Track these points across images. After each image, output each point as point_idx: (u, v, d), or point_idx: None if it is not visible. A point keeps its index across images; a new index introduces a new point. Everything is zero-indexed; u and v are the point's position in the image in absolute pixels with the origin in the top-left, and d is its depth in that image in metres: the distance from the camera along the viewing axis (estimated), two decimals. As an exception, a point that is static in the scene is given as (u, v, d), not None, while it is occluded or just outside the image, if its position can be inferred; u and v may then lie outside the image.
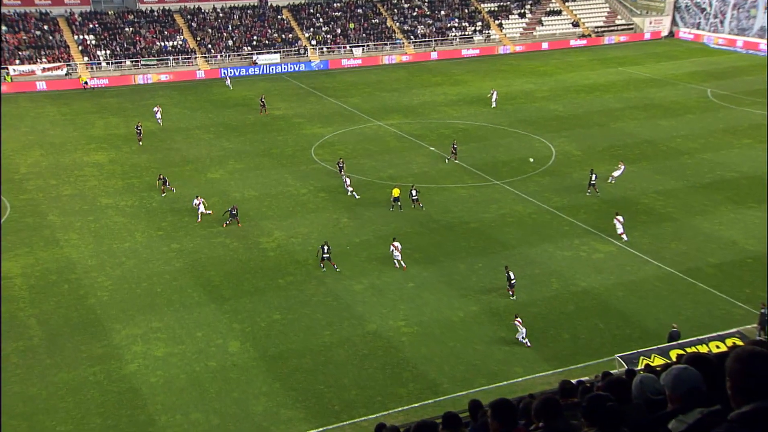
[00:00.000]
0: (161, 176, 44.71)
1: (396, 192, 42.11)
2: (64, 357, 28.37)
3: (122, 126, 57.47)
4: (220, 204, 42.91)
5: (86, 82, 70.23)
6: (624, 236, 37.93)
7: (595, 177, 44.48)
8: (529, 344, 28.87)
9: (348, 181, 44.24)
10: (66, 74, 71.44)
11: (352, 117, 61.46)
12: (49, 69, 71.17)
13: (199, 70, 75.87)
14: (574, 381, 10.30)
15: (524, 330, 28.76)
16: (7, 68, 69.94)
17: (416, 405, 25.67)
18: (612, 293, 33.18)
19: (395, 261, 35.45)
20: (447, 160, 49.68)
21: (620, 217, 38.27)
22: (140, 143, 53.57)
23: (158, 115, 58.41)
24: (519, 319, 29.12)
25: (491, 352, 28.76)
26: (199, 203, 40.73)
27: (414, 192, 42.22)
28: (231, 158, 51.30)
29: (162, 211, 41.93)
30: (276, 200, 43.88)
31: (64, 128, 58.25)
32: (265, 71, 77.78)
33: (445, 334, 29.88)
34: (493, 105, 63.41)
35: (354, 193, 43.92)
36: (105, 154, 51.95)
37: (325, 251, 34.97)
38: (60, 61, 72.17)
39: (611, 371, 17.22)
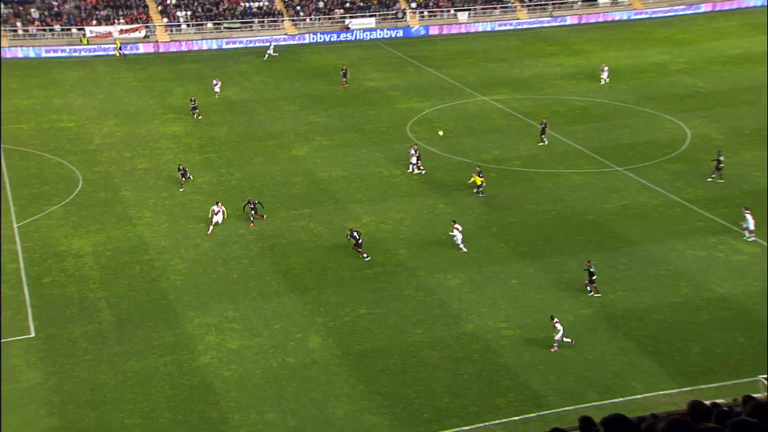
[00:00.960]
0: (181, 167, 44.04)
1: (478, 180, 41.68)
2: (134, 344, 29.67)
3: (201, 95, 59.12)
4: (304, 184, 43.63)
5: (120, 48, 71.40)
6: (747, 233, 36.63)
7: (723, 159, 42.74)
8: (572, 341, 28.93)
9: (415, 161, 44.76)
10: (144, 37, 74.20)
11: (453, 90, 61.16)
12: (126, 31, 74.12)
13: (286, 34, 77.19)
14: (707, 402, 9.90)
15: (561, 329, 28.65)
16: (83, 29, 73.28)
17: (516, 418, 25.53)
18: (756, 302, 31.94)
19: (458, 244, 35.88)
20: (545, 142, 48.67)
21: (749, 215, 36.72)
22: (198, 117, 54.14)
23: (216, 89, 59.33)
24: (557, 319, 29.01)
25: (605, 363, 28.25)
26: (219, 211, 38.36)
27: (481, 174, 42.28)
28: (318, 134, 52.07)
29: (241, 189, 43.02)
30: (366, 182, 44.29)
31: (140, 96, 60.62)
32: (358, 37, 78.35)
33: (552, 340, 29.47)
34: (604, 81, 61.16)
35: (420, 169, 44.74)
36: (182, 125, 53.72)
37: (357, 238, 35.49)
38: (138, 23, 75.07)
39: (754, 395, 16.50)
